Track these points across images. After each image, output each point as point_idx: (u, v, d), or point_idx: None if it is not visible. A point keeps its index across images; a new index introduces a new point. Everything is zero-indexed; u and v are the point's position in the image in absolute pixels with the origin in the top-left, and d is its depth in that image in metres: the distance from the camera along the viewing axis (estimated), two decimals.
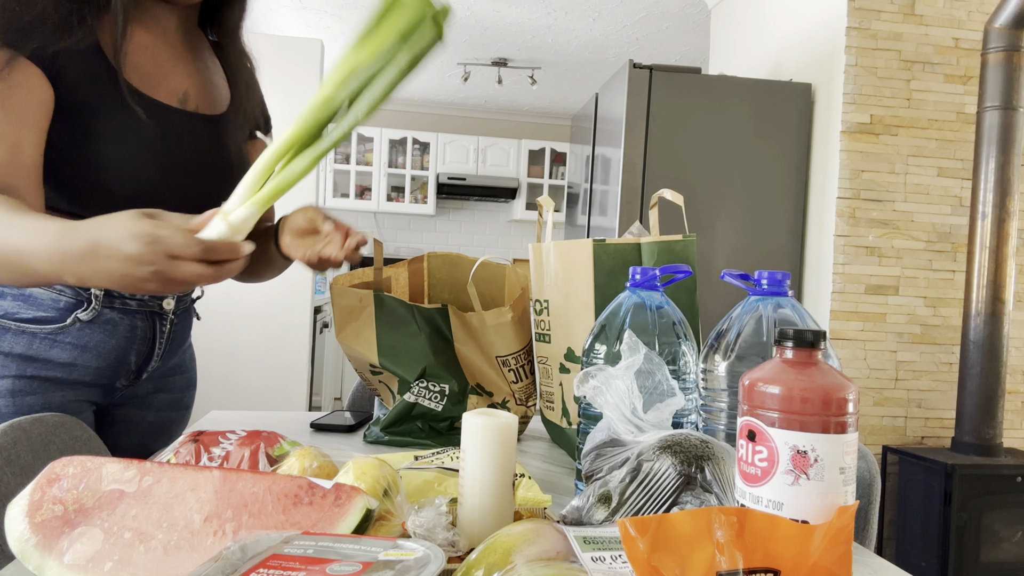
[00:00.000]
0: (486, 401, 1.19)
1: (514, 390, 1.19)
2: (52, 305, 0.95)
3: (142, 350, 1.05)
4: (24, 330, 0.93)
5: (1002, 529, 2.38)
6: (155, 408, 1.14)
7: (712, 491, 0.64)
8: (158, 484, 0.64)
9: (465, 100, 6.13)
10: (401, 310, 1.16)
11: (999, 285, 2.45)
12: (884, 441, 2.66)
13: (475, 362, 1.18)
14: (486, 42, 4.69)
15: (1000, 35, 2.44)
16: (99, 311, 0.97)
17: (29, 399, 0.94)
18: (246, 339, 3.71)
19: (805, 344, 0.59)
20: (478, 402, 1.17)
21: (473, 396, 1.17)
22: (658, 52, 4.70)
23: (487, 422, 0.69)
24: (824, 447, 0.56)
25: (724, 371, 0.79)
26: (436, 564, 0.50)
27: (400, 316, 1.17)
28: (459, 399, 1.16)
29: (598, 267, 1.03)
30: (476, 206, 6.53)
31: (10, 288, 0.93)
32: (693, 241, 1.03)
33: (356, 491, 0.62)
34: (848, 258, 2.63)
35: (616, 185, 2.73)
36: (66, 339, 0.96)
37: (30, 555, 0.60)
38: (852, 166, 2.62)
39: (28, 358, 0.94)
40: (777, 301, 0.80)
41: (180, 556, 0.59)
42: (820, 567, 0.48)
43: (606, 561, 0.53)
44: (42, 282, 0.80)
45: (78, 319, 0.96)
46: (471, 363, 1.18)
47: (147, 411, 1.13)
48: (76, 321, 0.96)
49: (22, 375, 0.94)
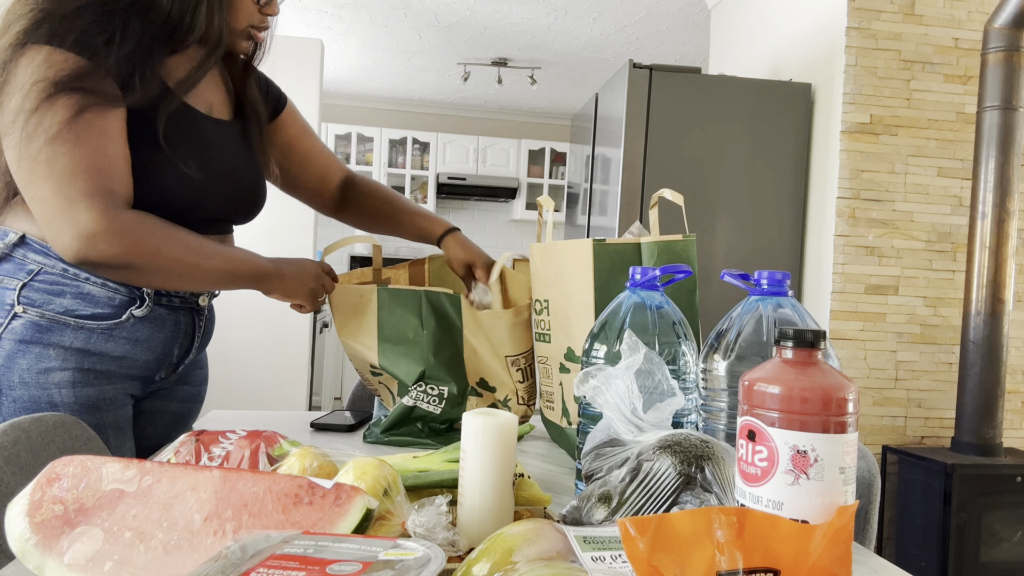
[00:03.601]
0: (487, 400, 1.19)
1: (519, 388, 1.19)
2: (108, 303, 1.01)
3: (184, 344, 1.13)
4: (83, 326, 1.00)
5: (1002, 529, 2.38)
6: (178, 399, 1.20)
7: (712, 491, 0.64)
8: (158, 484, 0.64)
9: (465, 100, 6.13)
10: (407, 298, 1.16)
11: (999, 285, 2.45)
12: (884, 441, 2.66)
13: (483, 354, 1.18)
14: (486, 42, 4.68)
15: (1000, 35, 2.44)
16: (151, 307, 1.05)
17: (87, 391, 1.00)
18: (246, 339, 3.71)
19: (805, 344, 0.59)
20: (478, 403, 1.17)
21: (473, 398, 1.17)
22: (658, 52, 4.70)
23: (487, 422, 0.69)
24: (824, 447, 0.56)
25: (724, 371, 0.79)
26: (436, 564, 0.50)
27: (403, 312, 1.16)
28: (458, 401, 1.16)
29: (598, 267, 1.03)
30: (476, 206, 6.53)
31: (69, 287, 0.99)
32: (693, 241, 1.03)
33: (356, 491, 0.62)
34: (848, 258, 2.63)
35: (616, 185, 2.73)
36: (121, 334, 1.02)
37: (30, 554, 0.60)
38: (852, 166, 2.62)
39: (86, 352, 1.00)
40: (777, 301, 0.80)
41: (180, 556, 0.59)
42: (820, 567, 0.48)
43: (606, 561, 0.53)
44: (235, 282, 1.05)
45: (132, 315, 1.03)
46: (478, 355, 1.18)
47: (171, 402, 1.19)
48: (131, 317, 1.03)
49: (80, 367, 1.00)
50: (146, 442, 1.16)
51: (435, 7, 4.13)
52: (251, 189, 1.15)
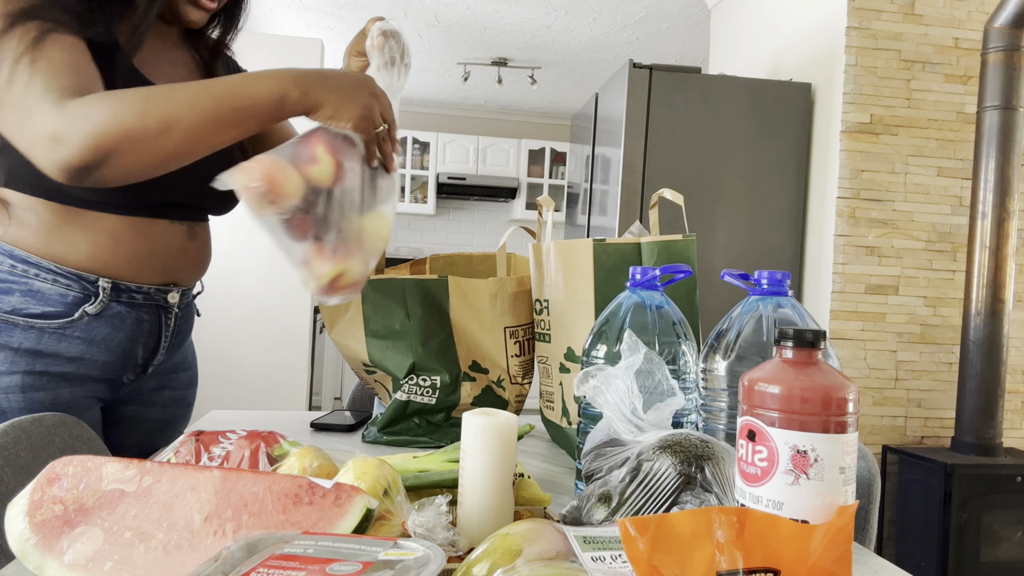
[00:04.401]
0: (480, 384, 1.18)
1: (511, 365, 1.19)
2: (60, 300, 0.95)
3: (149, 343, 1.06)
4: (32, 325, 0.94)
5: (1002, 529, 2.38)
6: (160, 405, 1.15)
7: (712, 491, 0.64)
8: (158, 484, 0.64)
9: (465, 100, 6.13)
10: (391, 289, 1.16)
11: (999, 285, 2.45)
12: (884, 441, 2.66)
13: (473, 334, 1.18)
14: (486, 42, 4.68)
15: (1000, 35, 2.44)
16: (106, 304, 0.98)
17: (39, 395, 0.95)
18: (246, 339, 3.71)
19: (805, 344, 0.59)
20: (472, 388, 1.17)
21: (466, 383, 1.17)
22: (658, 52, 4.70)
23: (487, 422, 0.69)
24: (824, 447, 0.56)
25: (724, 371, 0.79)
26: (436, 564, 0.50)
27: (388, 303, 1.16)
28: (452, 389, 1.16)
29: (598, 267, 1.03)
30: (476, 206, 6.53)
31: (18, 284, 0.94)
32: (693, 241, 1.03)
33: (356, 491, 0.62)
34: (848, 258, 2.63)
35: (616, 185, 2.73)
36: (74, 333, 0.97)
37: (30, 555, 0.60)
38: (852, 166, 2.62)
39: (37, 353, 0.95)
40: (777, 301, 0.80)
41: (180, 556, 0.59)
42: (820, 567, 0.48)
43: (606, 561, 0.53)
44: (249, 119, 0.85)
45: (85, 313, 0.97)
46: (469, 336, 1.18)
47: (152, 408, 1.14)
48: (84, 315, 0.97)
49: (31, 370, 0.94)
50: (127, 451, 1.12)
51: (435, 7, 4.13)
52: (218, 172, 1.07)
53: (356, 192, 0.89)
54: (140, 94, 0.82)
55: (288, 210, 0.82)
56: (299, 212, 0.83)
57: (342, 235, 0.87)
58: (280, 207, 0.82)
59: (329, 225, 0.86)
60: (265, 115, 0.86)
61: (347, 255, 0.87)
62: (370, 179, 0.92)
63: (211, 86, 0.84)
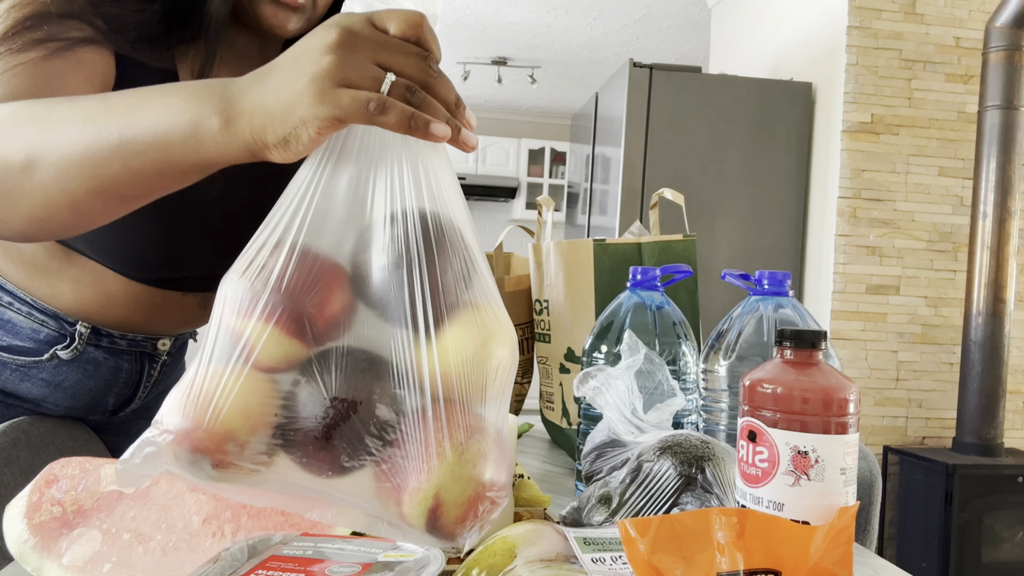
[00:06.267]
0: None
1: None
2: (31, 335, 0.82)
3: (123, 393, 0.92)
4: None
5: (1003, 529, 2.38)
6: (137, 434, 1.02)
7: (712, 492, 0.64)
8: (156, 485, 0.63)
9: (465, 99, 6.12)
10: None
11: (1000, 285, 2.45)
12: (885, 441, 2.66)
13: None
14: (486, 41, 4.68)
15: (1001, 34, 2.43)
16: (81, 351, 0.84)
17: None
18: None
19: (805, 344, 0.59)
20: None
21: None
22: (658, 51, 4.70)
23: None
24: (825, 448, 0.56)
25: (724, 371, 0.79)
26: (436, 565, 0.50)
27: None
28: None
29: (598, 267, 1.03)
30: (476, 205, 6.53)
31: None
32: (693, 241, 1.03)
33: None
34: (849, 258, 2.62)
35: (616, 185, 2.73)
36: (40, 374, 0.84)
37: (28, 556, 0.60)
38: (853, 165, 2.62)
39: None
40: (778, 301, 0.79)
41: (179, 557, 0.59)
42: (821, 568, 0.48)
43: (606, 562, 0.53)
44: (150, 149, 0.51)
45: (57, 355, 0.83)
46: None
47: (126, 439, 0.95)
48: (54, 357, 0.83)
49: None
50: None
51: None
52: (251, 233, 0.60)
53: (395, 310, 0.50)
54: (14, 108, 0.56)
55: (259, 455, 0.48)
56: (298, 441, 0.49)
57: (397, 429, 0.49)
58: (243, 457, 0.48)
59: (364, 427, 0.48)
60: (171, 159, 0.52)
61: (426, 464, 0.48)
62: (423, 265, 0.49)
63: (107, 101, 0.54)
